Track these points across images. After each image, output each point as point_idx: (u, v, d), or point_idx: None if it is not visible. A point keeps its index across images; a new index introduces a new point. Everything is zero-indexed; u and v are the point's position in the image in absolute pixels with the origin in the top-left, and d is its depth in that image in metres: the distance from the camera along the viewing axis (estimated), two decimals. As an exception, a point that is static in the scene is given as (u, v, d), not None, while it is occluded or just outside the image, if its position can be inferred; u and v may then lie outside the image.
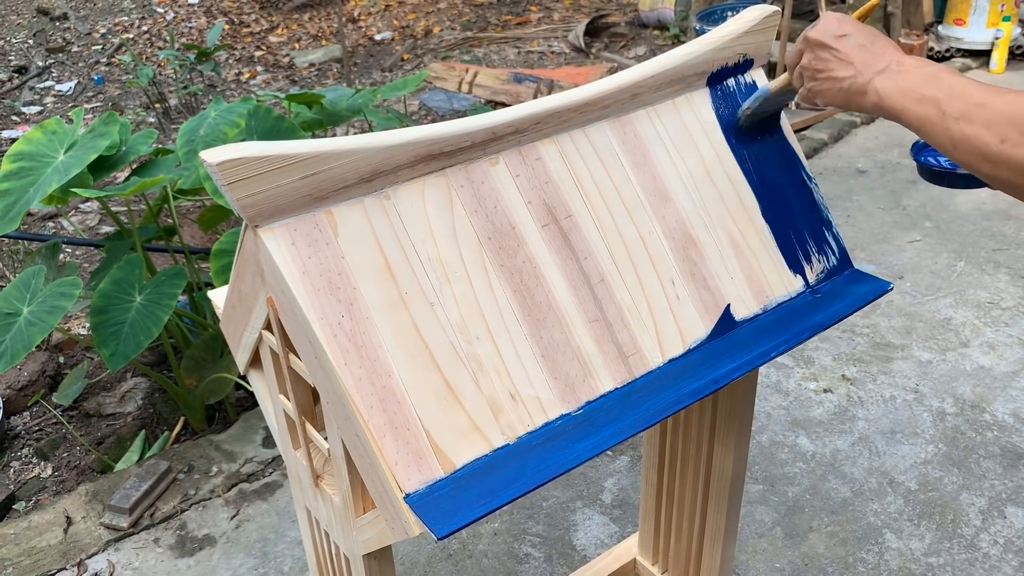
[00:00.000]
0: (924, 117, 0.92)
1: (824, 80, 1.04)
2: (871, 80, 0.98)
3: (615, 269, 1.10)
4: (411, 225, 0.99)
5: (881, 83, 0.97)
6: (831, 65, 1.02)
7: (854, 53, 1.01)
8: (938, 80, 0.93)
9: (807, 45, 1.06)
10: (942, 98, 0.91)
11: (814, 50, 1.05)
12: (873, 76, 0.98)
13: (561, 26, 6.19)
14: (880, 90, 0.97)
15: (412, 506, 0.90)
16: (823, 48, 1.03)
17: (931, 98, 0.92)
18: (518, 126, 1.06)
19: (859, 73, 1.00)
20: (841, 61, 1.01)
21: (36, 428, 2.63)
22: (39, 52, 5.94)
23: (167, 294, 2.16)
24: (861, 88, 1.00)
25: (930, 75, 0.94)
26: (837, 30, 1.03)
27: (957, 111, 0.89)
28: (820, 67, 1.04)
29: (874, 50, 1.00)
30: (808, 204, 1.27)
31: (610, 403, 1.04)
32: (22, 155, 2.21)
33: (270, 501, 2.25)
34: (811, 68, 1.05)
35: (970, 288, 3.04)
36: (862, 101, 1.00)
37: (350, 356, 0.92)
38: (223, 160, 0.86)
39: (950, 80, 0.92)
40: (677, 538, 1.71)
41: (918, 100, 0.93)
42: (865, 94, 0.99)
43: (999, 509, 2.15)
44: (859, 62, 1.00)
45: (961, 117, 0.89)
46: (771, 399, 2.54)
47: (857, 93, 1.00)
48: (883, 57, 0.99)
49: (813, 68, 1.05)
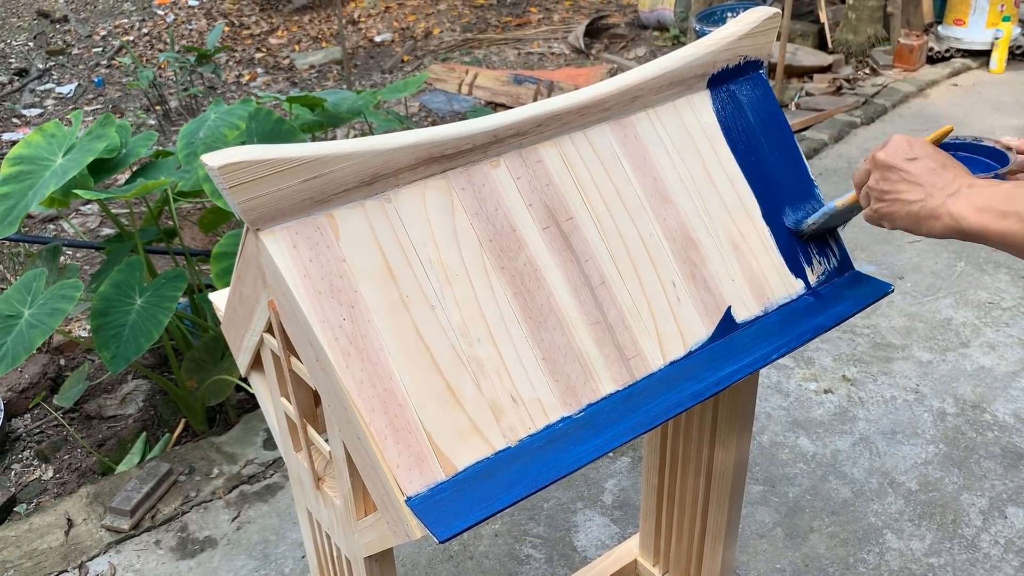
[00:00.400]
0: (1009, 232, 0.90)
1: (892, 202, 1.01)
2: (944, 203, 0.95)
3: (616, 271, 1.10)
4: (412, 228, 0.99)
5: (955, 205, 0.94)
6: (900, 187, 1.00)
7: (924, 176, 0.98)
8: (1016, 196, 0.91)
9: (875, 166, 1.03)
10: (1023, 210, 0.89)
11: (882, 171, 1.02)
12: (945, 199, 0.95)
13: (561, 27, 6.19)
14: (954, 212, 0.94)
15: (413, 509, 0.90)
16: (891, 170, 1.00)
17: (1013, 212, 0.90)
18: (519, 128, 1.06)
19: (929, 196, 0.97)
20: (910, 184, 0.99)
21: (37, 430, 2.63)
22: (39, 55, 5.94)
23: (167, 297, 2.16)
24: (932, 212, 0.96)
25: (1006, 192, 0.92)
26: (908, 152, 1.00)
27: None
28: (888, 188, 1.01)
29: (945, 174, 0.97)
30: (808, 203, 1.27)
31: (611, 406, 1.04)
32: (21, 158, 2.21)
33: (271, 503, 2.25)
34: (878, 189, 1.02)
35: (970, 288, 3.04)
36: (933, 225, 0.97)
37: (351, 359, 0.92)
38: (225, 164, 0.86)
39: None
40: (678, 539, 1.71)
41: (999, 216, 0.91)
42: (938, 218, 0.96)
43: (1000, 509, 2.15)
44: (929, 185, 0.97)
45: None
46: (772, 400, 2.54)
47: (928, 217, 0.97)
48: (955, 181, 0.96)
49: (880, 189, 1.02)
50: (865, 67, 5.05)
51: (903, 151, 1.00)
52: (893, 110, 4.54)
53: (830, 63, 4.92)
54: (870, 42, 5.10)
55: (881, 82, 4.80)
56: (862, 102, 4.55)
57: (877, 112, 4.47)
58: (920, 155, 0.99)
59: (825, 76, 4.85)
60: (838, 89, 4.72)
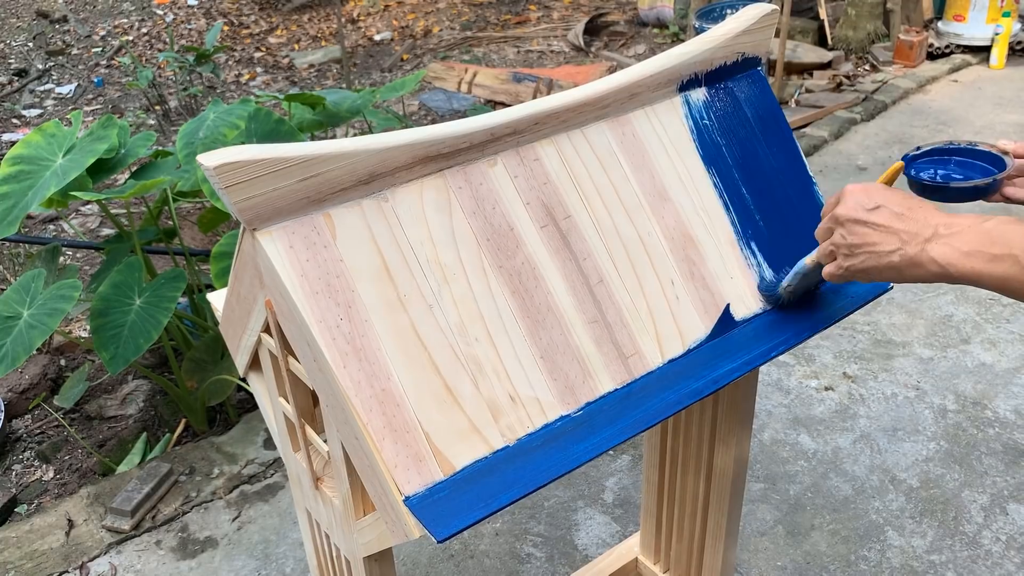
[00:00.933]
0: (1005, 276, 0.87)
1: (867, 256, 0.96)
2: (923, 249, 0.91)
3: (614, 270, 1.10)
4: (409, 227, 0.99)
5: (938, 251, 0.90)
6: (871, 239, 0.95)
7: (893, 223, 0.93)
8: (1004, 235, 0.87)
9: (836, 222, 0.98)
10: (1019, 253, 0.85)
11: (846, 226, 0.97)
12: (923, 245, 0.91)
13: (560, 25, 6.19)
14: (939, 259, 0.90)
15: (412, 509, 0.90)
16: (855, 223, 0.96)
17: (1007, 256, 0.86)
18: (516, 127, 1.06)
19: (905, 244, 0.93)
20: (880, 233, 0.94)
21: (38, 431, 2.63)
22: (39, 55, 5.94)
23: (167, 297, 2.16)
24: (913, 260, 0.92)
25: (990, 232, 0.88)
26: (867, 202, 0.96)
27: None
28: (857, 243, 0.96)
29: (914, 217, 0.93)
30: (807, 201, 1.27)
31: (610, 404, 1.04)
32: (21, 158, 2.21)
33: (271, 503, 2.25)
34: (846, 245, 0.98)
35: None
36: (919, 273, 0.93)
37: (349, 359, 0.92)
38: (220, 163, 0.86)
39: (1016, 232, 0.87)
40: (679, 537, 1.70)
41: (991, 260, 0.87)
42: (920, 266, 0.92)
43: (1001, 506, 2.14)
44: (902, 232, 0.93)
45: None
46: (772, 397, 2.54)
47: (910, 266, 0.93)
48: (928, 223, 0.92)
49: (848, 244, 0.97)
50: (865, 63, 5.05)
51: (862, 202, 0.96)
52: (893, 106, 4.54)
53: (830, 60, 4.92)
54: (870, 38, 5.09)
55: (881, 78, 4.79)
56: (862, 99, 4.54)
57: (877, 108, 4.47)
58: (881, 202, 0.95)
59: (825, 73, 4.84)
60: (838, 86, 4.72)
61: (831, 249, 1.01)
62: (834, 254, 1.01)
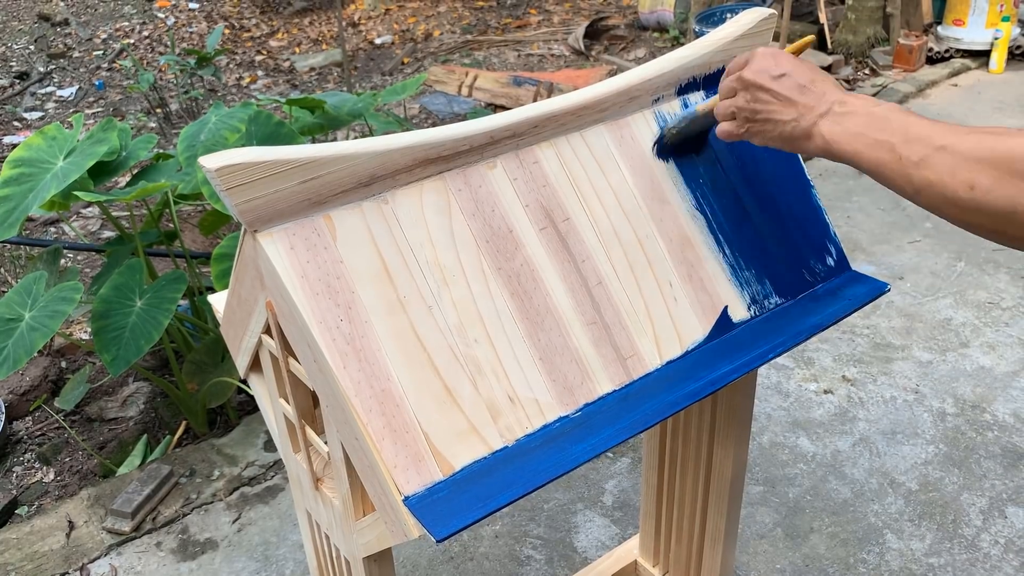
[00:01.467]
0: (880, 162, 0.88)
1: (763, 123, 0.99)
2: (815, 123, 0.94)
3: (613, 272, 1.10)
4: (409, 229, 1.00)
5: (827, 127, 0.93)
6: (771, 107, 0.98)
7: (794, 94, 0.96)
8: (890, 122, 0.88)
9: (742, 85, 1.00)
10: (898, 142, 0.86)
11: (751, 91, 0.99)
12: (816, 119, 0.94)
13: (561, 29, 6.20)
14: (827, 135, 0.93)
15: (411, 509, 0.91)
16: (760, 89, 0.98)
17: (886, 143, 0.87)
18: (515, 130, 1.07)
19: (801, 116, 0.95)
20: (781, 103, 0.97)
21: (38, 433, 2.63)
22: (40, 58, 5.95)
23: (167, 299, 2.16)
24: (805, 132, 0.95)
25: (880, 117, 0.90)
26: (774, 69, 0.98)
27: (917, 156, 0.85)
28: (758, 108, 0.99)
29: (815, 90, 0.96)
30: (804, 204, 1.27)
31: (608, 405, 1.04)
32: (21, 161, 2.21)
33: (272, 504, 2.25)
34: (748, 109, 1.00)
35: (970, 288, 3.04)
36: (806, 145, 0.96)
37: (349, 360, 0.92)
38: (221, 166, 0.87)
39: (903, 121, 0.88)
40: (678, 539, 1.71)
41: (871, 145, 0.89)
42: (810, 138, 0.95)
43: (1000, 509, 2.15)
44: (801, 104, 0.95)
45: (921, 162, 0.84)
46: (771, 400, 2.55)
47: (801, 137, 0.96)
48: (824, 97, 0.95)
49: (751, 109, 1.00)
50: (865, 68, 5.06)
51: (770, 68, 0.98)
52: (893, 110, 4.54)
53: (830, 64, 4.93)
54: (870, 43, 5.10)
55: (881, 82, 4.80)
56: (862, 103, 4.54)
57: (877, 112, 4.47)
58: (788, 70, 0.97)
59: (825, 77, 4.84)
60: (838, 90, 4.72)
61: (732, 111, 1.03)
62: (735, 115, 1.03)
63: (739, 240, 1.20)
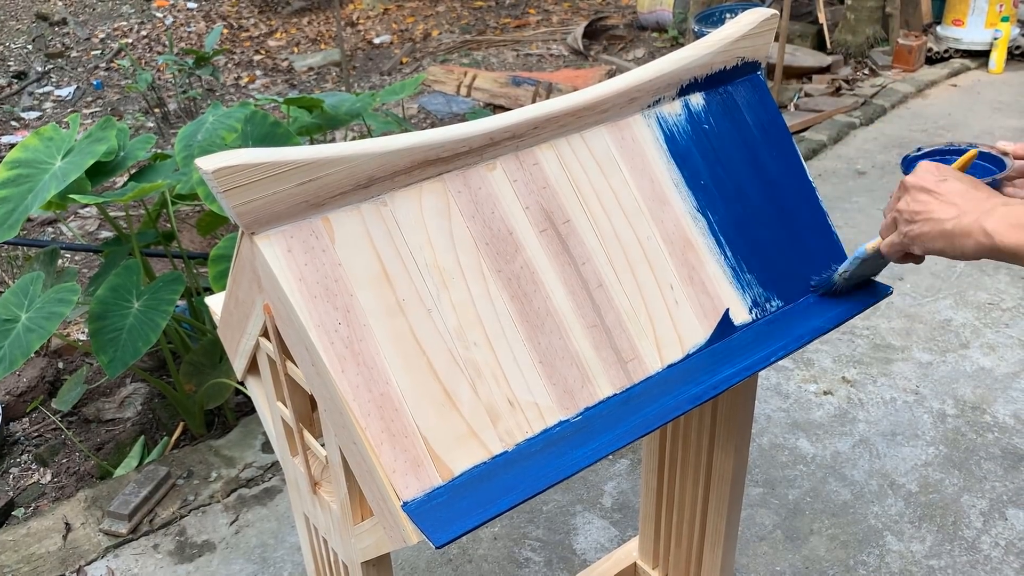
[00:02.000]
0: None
1: (924, 223, 1.00)
2: (978, 219, 0.95)
3: (613, 274, 1.09)
4: (408, 231, 0.99)
5: (991, 224, 0.94)
6: (932, 207, 1.00)
7: (956, 196, 0.98)
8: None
9: (905, 190, 1.03)
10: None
11: (913, 194, 1.02)
12: (980, 216, 0.95)
13: (560, 28, 6.19)
14: (989, 229, 0.94)
15: (410, 514, 0.90)
16: (923, 192, 1.01)
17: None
18: (515, 131, 1.06)
19: (964, 213, 0.97)
20: (943, 203, 0.99)
21: (35, 434, 2.62)
22: (38, 57, 5.94)
23: (165, 300, 2.15)
24: (966, 229, 0.96)
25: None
26: (937, 175, 1.01)
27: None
28: (919, 209, 1.01)
29: (978, 194, 0.98)
30: (807, 206, 1.26)
31: (609, 409, 1.04)
32: (19, 162, 2.20)
33: (269, 506, 2.24)
34: (910, 211, 1.02)
35: (970, 289, 3.03)
36: (966, 243, 0.97)
37: (347, 363, 0.91)
38: (219, 167, 0.86)
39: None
40: (677, 542, 1.70)
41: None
42: (971, 235, 0.96)
43: (1000, 511, 2.14)
44: (963, 203, 0.97)
45: None
46: (771, 401, 2.54)
47: (962, 235, 0.96)
48: (989, 200, 0.96)
49: (912, 211, 1.01)
50: (864, 68, 5.05)
51: (933, 175, 1.01)
52: (892, 111, 4.54)
53: (829, 64, 4.92)
54: (869, 43, 5.09)
55: (880, 83, 4.80)
56: (861, 103, 4.54)
57: (876, 113, 4.47)
58: (950, 177, 1.00)
59: (824, 77, 4.84)
60: (837, 90, 4.72)
61: (894, 217, 1.05)
62: (896, 222, 1.05)
63: (741, 242, 1.19)
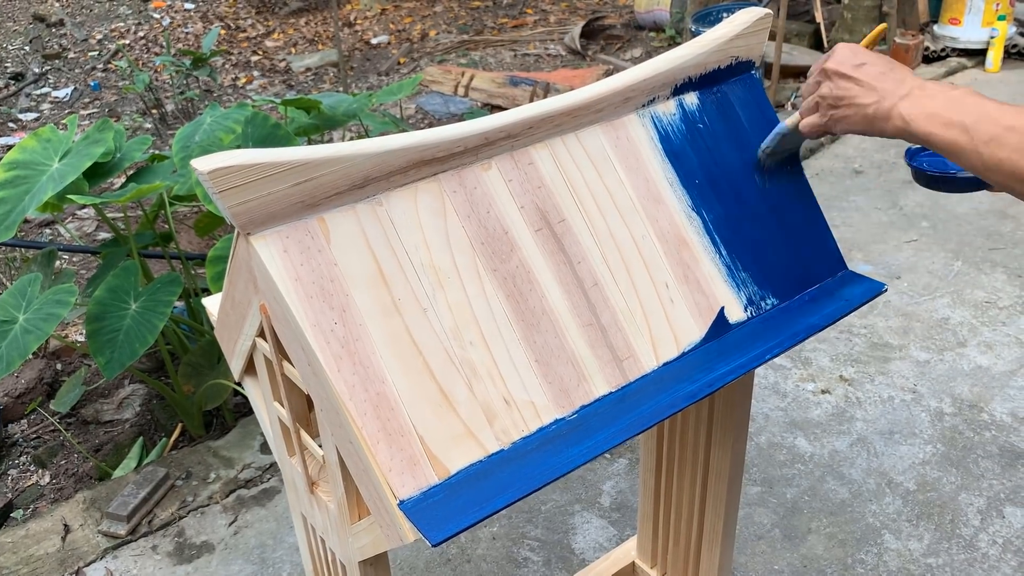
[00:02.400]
0: (952, 142, 0.94)
1: (846, 107, 1.05)
2: (895, 105, 1.00)
3: (608, 273, 1.10)
4: (404, 231, 0.99)
5: (906, 108, 0.99)
6: (853, 92, 1.04)
7: (875, 80, 1.02)
8: (963, 104, 0.94)
9: (825, 76, 1.07)
10: (970, 123, 0.92)
11: (833, 79, 1.06)
12: (897, 101, 1.00)
13: (557, 28, 6.19)
14: (905, 115, 0.98)
15: (406, 513, 0.90)
16: (843, 78, 1.04)
17: (958, 123, 0.93)
18: (510, 131, 1.06)
19: (883, 98, 1.01)
20: (863, 88, 1.03)
21: (34, 435, 2.62)
22: (36, 59, 5.94)
23: (162, 301, 2.15)
24: (885, 113, 1.01)
25: (955, 99, 0.95)
26: (854, 59, 1.04)
27: (987, 136, 0.91)
28: (841, 95, 1.05)
29: (894, 76, 1.02)
30: (802, 205, 1.27)
31: (605, 407, 1.04)
32: (16, 163, 2.21)
33: (268, 507, 2.24)
34: (832, 96, 1.06)
35: (967, 288, 3.04)
36: (885, 126, 1.02)
37: (343, 363, 0.92)
38: (214, 168, 0.86)
39: (976, 103, 0.93)
40: (676, 541, 1.70)
41: (945, 124, 0.95)
42: (889, 119, 1.01)
43: (998, 509, 2.14)
44: (881, 88, 1.01)
45: (991, 141, 0.90)
46: (769, 400, 2.54)
47: (881, 118, 1.01)
48: (904, 83, 1.00)
49: (834, 96, 1.06)
50: (861, 67, 5.05)
51: (850, 58, 1.04)
52: (889, 109, 4.54)
53: (826, 63, 4.92)
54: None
55: (877, 82, 4.80)
56: (858, 102, 4.54)
57: (873, 112, 4.47)
58: (867, 60, 1.04)
59: (821, 76, 4.84)
60: (834, 89, 4.71)
61: (816, 101, 1.09)
62: (818, 106, 1.09)
63: (736, 241, 1.20)
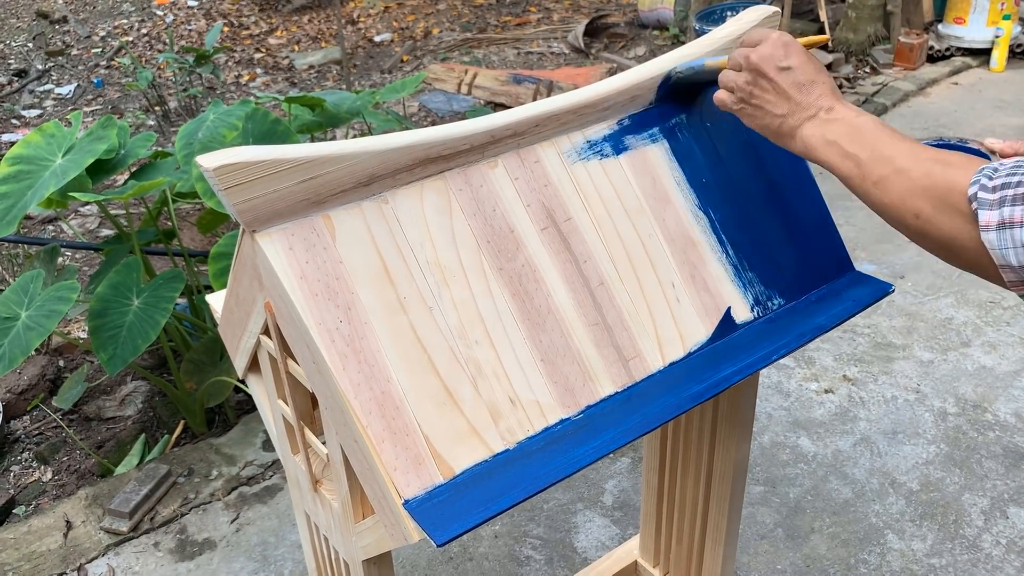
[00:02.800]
0: (847, 175, 0.93)
1: (755, 108, 1.02)
2: (801, 125, 0.98)
3: (615, 272, 1.09)
4: (409, 229, 0.99)
5: (809, 130, 0.97)
6: (768, 97, 1.00)
7: (792, 90, 0.98)
8: (863, 135, 0.92)
9: (748, 65, 1.02)
10: (864, 159, 0.90)
11: (753, 74, 1.01)
12: (803, 121, 0.97)
13: (560, 27, 6.18)
14: (807, 138, 0.97)
15: (411, 512, 0.90)
16: (762, 76, 1.00)
17: (854, 156, 0.92)
18: (516, 129, 1.06)
19: (791, 113, 0.98)
20: (778, 96, 0.99)
21: (36, 432, 2.62)
22: (39, 55, 5.94)
23: (165, 298, 2.15)
24: (790, 131, 0.99)
25: (856, 128, 0.93)
26: (782, 60, 0.99)
27: (876, 175, 0.89)
28: (755, 93, 1.01)
29: (811, 91, 0.98)
30: (809, 204, 1.26)
31: (610, 407, 1.03)
32: (20, 158, 2.20)
33: (270, 504, 2.24)
34: (746, 91, 1.02)
35: (971, 287, 3.03)
36: (789, 144, 1.00)
37: (348, 361, 0.91)
38: (220, 165, 0.86)
39: (875, 136, 0.91)
40: (678, 540, 1.70)
41: (842, 156, 0.93)
42: (793, 139, 0.99)
43: (1001, 509, 2.14)
44: (795, 100, 0.98)
45: (880, 182, 0.89)
46: (772, 400, 2.54)
47: (786, 135, 1.00)
48: (817, 101, 0.97)
49: (748, 92, 1.02)
50: (865, 66, 5.04)
51: (777, 58, 0.99)
52: (893, 109, 4.53)
53: (830, 62, 4.91)
54: (870, 41, 5.09)
55: (881, 81, 4.79)
56: (862, 101, 4.54)
57: (877, 111, 4.46)
58: (793, 64, 0.99)
59: (825, 75, 4.83)
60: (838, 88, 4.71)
61: (733, 87, 1.05)
62: (733, 90, 1.05)
63: (742, 241, 1.19)
